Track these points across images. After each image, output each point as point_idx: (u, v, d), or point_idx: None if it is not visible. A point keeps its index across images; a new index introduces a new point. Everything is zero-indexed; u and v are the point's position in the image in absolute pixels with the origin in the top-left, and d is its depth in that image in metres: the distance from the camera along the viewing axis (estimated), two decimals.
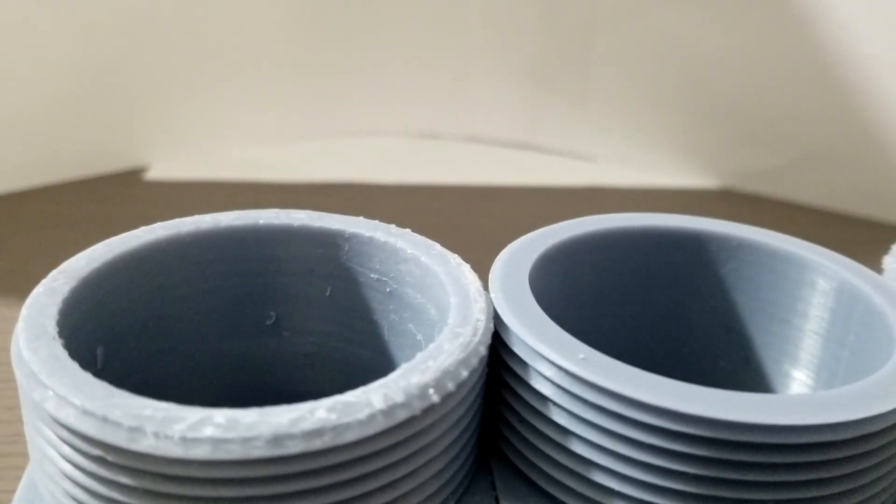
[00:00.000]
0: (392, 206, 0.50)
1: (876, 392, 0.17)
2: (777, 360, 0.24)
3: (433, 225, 0.48)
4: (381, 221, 0.24)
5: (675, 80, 0.56)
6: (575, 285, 0.24)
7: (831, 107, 0.51)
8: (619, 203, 0.55)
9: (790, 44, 0.51)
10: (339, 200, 0.50)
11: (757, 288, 0.24)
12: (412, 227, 0.50)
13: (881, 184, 0.51)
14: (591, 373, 0.17)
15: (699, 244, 0.25)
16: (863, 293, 0.21)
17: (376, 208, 0.50)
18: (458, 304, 0.19)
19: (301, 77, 0.58)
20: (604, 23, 0.56)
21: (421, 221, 0.49)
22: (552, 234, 0.23)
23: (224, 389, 0.24)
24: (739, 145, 0.55)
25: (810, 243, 0.24)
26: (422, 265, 0.21)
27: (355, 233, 0.23)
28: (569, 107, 0.60)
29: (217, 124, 0.57)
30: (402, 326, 0.22)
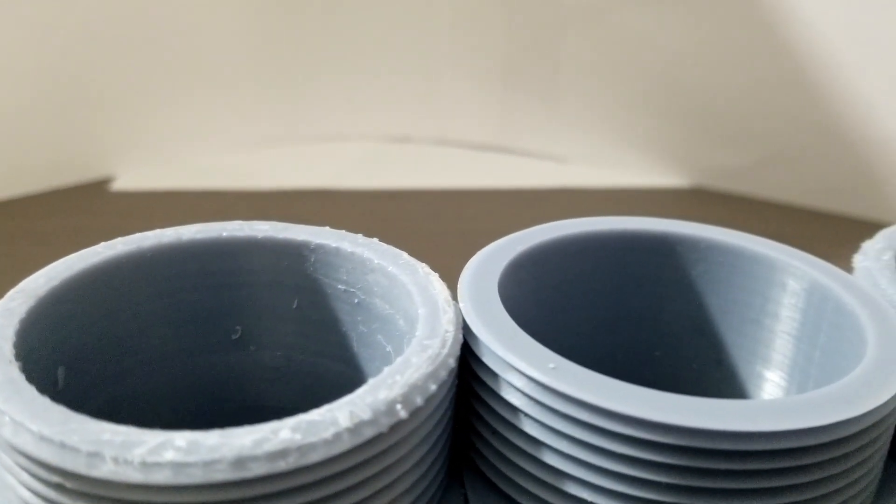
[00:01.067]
0: (364, 212, 0.50)
1: (847, 395, 0.17)
2: (749, 362, 0.24)
3: (405, 230, 0.48)
4: (354, 227, 0.24)
5: (645, 80, 0.56)
6: (545, 291, 0.24)
7: (799, 105, 0.51)
8: (591, 204, 0.55)
9: (759, 43, 0.51)
10: (310, 207, 0.50)
11: (727, 289, 0.24)
12: (384, 233, 0.49)
13: (849, 180, 0.51)
14: (562, 382, 0.17)
15: (669, 247, 0.24)
16: (833, 293, 0.21)
17: (348, 214, 0.49)
18: (426, 315, 0.19)
19: (269, 82, 0.57)
20: (573, 24, 0.56)
21: (393, 226, 0.49)
22: (521, 241, 0.23)
23: (191, 406, 0.24)
24: (709, 144, 0.55)
25: (780, 244, 0.24)
26: (389, 275, 0.21)
27: (321, 244, 0.22)
28: (539, 108, 0.60)
29: (184, 132, 0.56)
30: (371, 338, 0.22)
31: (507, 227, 0.50)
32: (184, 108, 0.55)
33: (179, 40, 0.53)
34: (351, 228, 0.48)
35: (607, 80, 0.57)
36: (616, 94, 0.57)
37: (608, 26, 0.55)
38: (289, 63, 0.58)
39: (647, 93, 0.56)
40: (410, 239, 0.46)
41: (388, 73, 0.60)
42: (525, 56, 0.59)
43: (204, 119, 0.56)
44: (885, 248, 0.24)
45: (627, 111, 0.57)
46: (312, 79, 0.59)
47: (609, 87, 0.57)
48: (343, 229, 0.47)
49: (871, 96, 0.49)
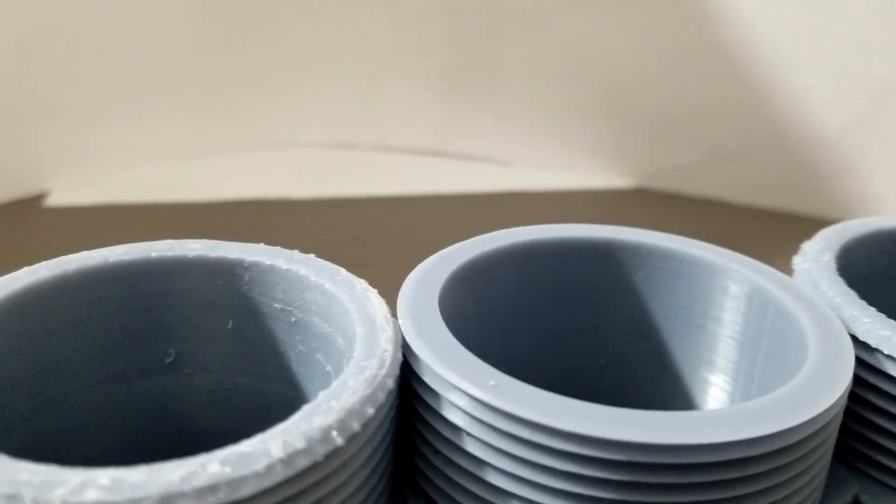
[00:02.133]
0: (307, 222, 0.49)
1: (790, 403, 0.17)
2: (694, 366, 0.24)
3: (350, 238, 0.48)
4: (297, 237, 0.23)
5: (586, 82, 0.56)
6: (488, 303, 0.24)
7: (740, 104, 0.52)
8: (535, 207, 0.55)
9: (697, 43, 0.51)
10: (252, 218, 0.49)
11: (670, 294, 0.24)
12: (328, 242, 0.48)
13: (790, 177, 0.52)
14: (503, 400, 0.16)
15: (611, 253, 0.24)
16: (774, 297, 0.21)
17: (290, 224, 0.49)
18: (364, 333, 0.18)
19: (205, 90, 0.56)
20: (512, 26, 0.56)
21: (337, 236, 0.48)
22: (461, 253, 0.22)
23: (126, 435, 0.23)
24: (651, 145, 0.56)
25: (721, 248, 0.24)
26: (326, 293, 0.20)
27: (255, 261, 0.21)
28: (481, 111, 0.59)
29: (119, 143, 0.55)
30: (311, 357, 0.22)
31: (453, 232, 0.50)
32: (119, 120, 0.54)
33: (112, 51, 0.52)
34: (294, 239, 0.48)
35: (549, 83, 0.57)
36: (558, 97, 0.57)
37: (548, 29, 0.55)
38: (226, 71, 0.56)
39: (589, 95, 0.56)
40: (356, 247, 0.46)
41: (329, 80, 0.59)
42: (466, 60, 0.58)
43: (140, 131, 0.55)
44: (823, 248, 0.24)
45: (569, 113, 0.57)
46: (251, 87, 0.58)
47: (551, 90, 0.57)
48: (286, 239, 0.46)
49: (810, 94, 0.50)
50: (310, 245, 0.45)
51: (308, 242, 0.45)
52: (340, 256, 0.45)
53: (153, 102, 0.55)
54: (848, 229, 0.25)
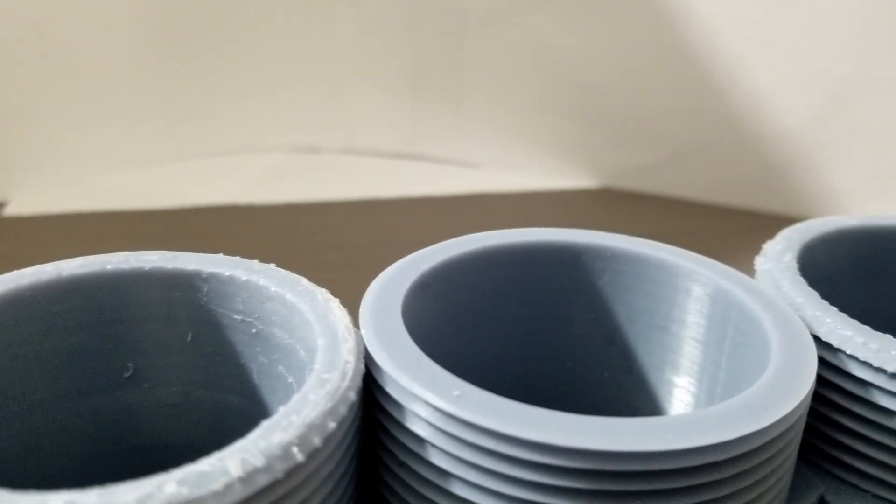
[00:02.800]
0: (272, 227, 0.49)
1: (755, 406, 0.17)
2: (659, 369, 0.24)
3: (316, 244, 0.47)
4: (262, 244, 0.23)
5: (551, 83, 0.56)
6: (453, 309, 0.23)
7: (701, 103, 0.52)
8: (503, 208, 0.55)
9: (659, 43, 0.52)
10: (215, 225, 0.48)
11: (634, 297, 0.24)
12: (295, 247, 0.48)
13: (752, 174, 0.52)
14: (467, 410, 0.16)
15: (575, 257, 0.24)
16: (737, 298, 0.21)
17: (255, 230, 0.48)
18: (325, 345, 0.18)
19: (167, 96, 0.55)
20: (476, 29, 0.56)
21: (303, 241, 0.47)
22: (424, 259, 0.22)
23: (86, 451, 0.22)
24: (616, 144, 0.56)
25: (684, 250, 0.24)
26: (287, 303, 0.20)
27: (214, 272, 0.21)
28: (448, 114, 0.59)
29: (79, 150, 0.54)
30: (272, 369, 0.21)
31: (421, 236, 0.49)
32: (79, 127, 0.53)
33: (71, 57, 0.51)
34: (259, 245, 0.47)
35: (514, 84, 0.57)
36: (523, 98, 0.57)
37: (512, 31, 0.55)
38: (188, 76, 0.56)
39: (554, 96, 0.56)
40: (322, 253, 0.46)
41: (294, 83, 0.59)
42: (431, 62, 0.58)
43: (100, 138, 0.54)
44: (784, 249, 0.24)
45: (535, 114, 0.57)
46: (215, 91, 0.57)
47: (516, 91, 0.57)
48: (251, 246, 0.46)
49: (770, 92, 0.50)
50: (275, 251, 0.45)
51: (273, 248, 0.45)
52: (307, 262, 0.45)
53: (113, 109, 0.54)
54: (809, 229, 0.25)
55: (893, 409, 0.19)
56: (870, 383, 0.19)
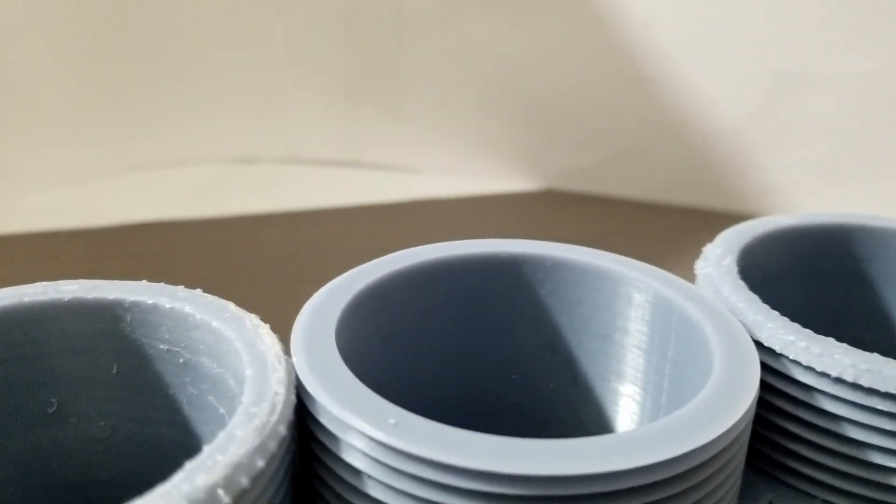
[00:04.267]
0: (208, 242, 0.47)
1: (699, 419, 0.16)
2: (603, 378, 0.24)
3: (254, 258, 0.46)
4: (199, 259, 0.22)
5: (490, 86, 0.56)
6: (392, 327, 0.23)
7: (640, 102, 0.52)
8: (446, 213, 0.54)
9: (596, 43, 0.52)
10: (149, 242, 0.47)
11: (576, 306, 0.24)
12: (231, 263, 0.47)
13: (692, 172, 0.53)
14: (403, 440, 0.15)
15: (515, 268, 0.24)
16: (677, 305, 0.21)
17: (190, 246, 0.47)
18: (253, 376, 0.17)
19: (96, 111, 0.54)
20: (412, 32, 0.56)
21: (240, 256, 0.46)
22: (360, 277, 0.21)
23: (13, 491, 0.21)
24: (557, 146, 0.56)
25: (624, 257, 0.23)
26: (214, 332, 0.19)
27: (137, 301, 0.20)
28: (388, 119, 0.58)
29: (7, 170, 0.52)
30: (203, 400, 0.20)
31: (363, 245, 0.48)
32: (6, 146, 0.51)
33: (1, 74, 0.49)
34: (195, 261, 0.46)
35: (453, 88, 0.57)
36: (462, 102, 0.57)
37: (448, 34, 0.55)
38: (120, 89, 0.54)
39: (494, 99, 0.56)
40: (260, 267, 0.44)
41: (227, 93, 0.57)
42: (367, 67, 0.57)
43: (29, 156, 0.52)
44: (724, 252, 0.24)
45: (475, 118, 0.57)
46: (147, 104, 0.55)
47: (455, 95, 0.57)
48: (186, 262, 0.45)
49: (707, 89, 0.51)
50: (211, 267, 0.44)
51: (209, 265, 0.44)
52: (244, 278, 0.44)
53: (42, 126, 0.52)
54: (748, 230, 0.25)
55: (838, 413, 0.19)
56: (813, 388, 0.19)
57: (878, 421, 0.18)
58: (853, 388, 0.19)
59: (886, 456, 0.19)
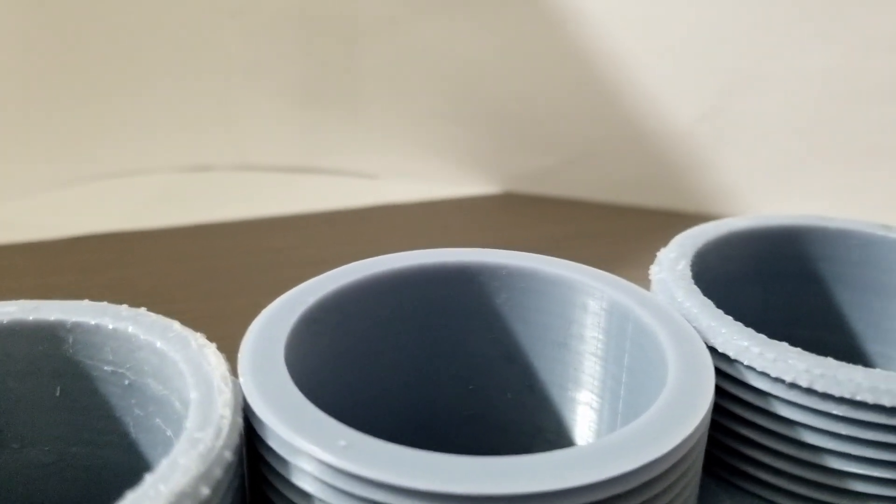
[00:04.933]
0: (161, 253, 0.46)
1: (651, 432, 0.16)
2: (561, 386, 0.24)
3: (208, 269, 0.45)
4: (154, 271, 0.21)
5: (447, 89, 0.55)
6: (346, 341, 0.22)
7: (595, 103, 0.52)
8: (406, 219, 0.54)
9: (551, 45, 0.52)
10: (101, 254, 0.46)
11: (532, 314, 0.23)
12: (184, 274, 0.46)
13: (648, 172, 0.53)
14: (354, 462, 0.15)
15: (470, 277, 0.23)
16: (632, 312, 0.21)
17: (142, 258, 0.46)
18: (198, 399, 0.17)
19: (43, 120, 0.52)
20: (368, 36, 0.55)
21: (194, 266, 0.45)
22: (310, 291, 0.21)
23: None
24: (515, 149, 0.56)
25: (579, 264, 0.23)
26: (158, 352, 0.18)
27: (79, 322, 0.19)
28: (343, 124, 0.58)
29: None
30: (149, 422, 0.20)
31: (320, 253, 0.48)
32: None
33: None
34: (147, 273, 0.45)
35: (410, 92, 0.56)
36: (420, 106, 0.56)
37: (405, 38, 0.54)
38: (71, 97, 0.53)
39: (452, 102, 0.56)
40: (215, 279, 0.44)
41: (179, 100, 0.56)
42: (323, 72, 0.57)
43: None
44: (678, 256, 0.24)
45: (433, 122, 0.57)
46: (96, 112, 0.54)
47: (412, 99, 0.56)
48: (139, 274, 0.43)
49: (660, 90, 0.51)
50: (164, 279, 0.43)
51: (162, 276, 0.43)
52: (197, 290, 0.43)
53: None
54: (701, 234, 0.25)
55: (793, 419, 0.19)
56: (768, 393, 0.19)
57: (834, 426, 0.18)
58: (808, 393, 0.19)
59: (842, 460, 0.19)
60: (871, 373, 0.18)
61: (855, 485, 0.19)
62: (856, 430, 0.18)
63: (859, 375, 0.18)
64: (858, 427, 0.18)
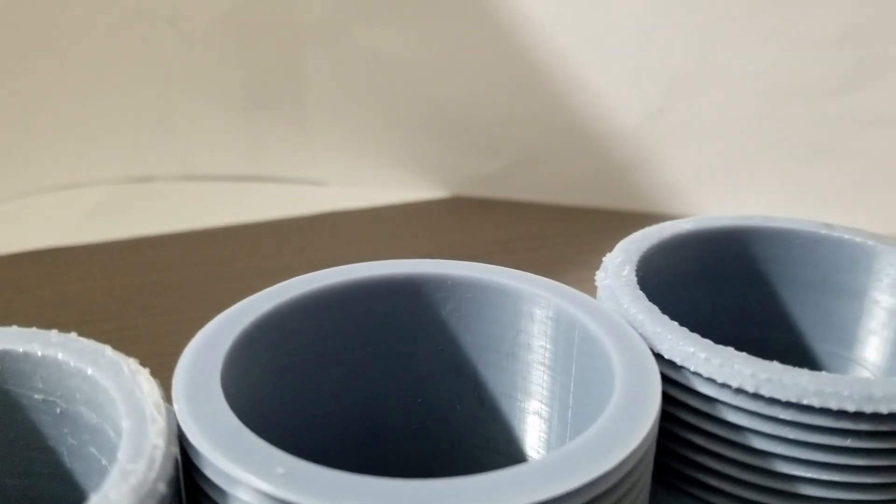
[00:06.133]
0: (100, 269, 0.45)
1: (598, 446, 0.16)
2: (510, 396, 0.23)
3: (150, 283, 0.44)
4: (94, 288, 0.20)
5: (393, 94, 0.55)
6: (287, 359, 0.22)
7: (542, 106, 0.52)
8: (354, 226, 0.53)
9: (497, 50, 0.51)
10: (37, 271, 0.44)
11: (479, 325, 0.23)
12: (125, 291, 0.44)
13: (595, 173, 0.53)
14: (291, 490, 0.14)
15: (415, 289, 0.23)
16: (579, 321, 0.21)
17: (81, 273, 0.44)
18: (130, 428, 0.16)
19: None
20: (311, 41, 0.54)
21: (135, 282, 0.44)
22: (248, 310, 0.20)
23: None
24: (463, 152, 0.55)
25: (525, 273, 0.23)
26: (90, 380, 0.18)
27: (6, 349, 0.19)
28: (289, 131, 0.57)
29: None
30: (83, 451, 0.19)
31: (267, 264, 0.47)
32: None
33: None
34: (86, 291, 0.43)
35: (355, 97, 0.56)
36: (366, 111, 0.56)
37: (348, 42, 0.54)
38: (4, 110, 0.51)
39: (397, 107, 0.55)
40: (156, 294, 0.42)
41: (119, 110, 0.55)
42: (266, 78, 0.56)
43: None
44: (623, 261, 0.23)
45: (379, 127, 0.56)
46: (34, 125, 0.53)
47: (358, 105, 0.56)
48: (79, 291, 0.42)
49: (606, 91, 0.51)
50: (104, 297, 0.42)
51: (101, 293, 0.42)
52: (138, 307, 0.42)
53: None
54: (645, 238, 0.25)
55: (741, 424, 0.19)
56: (715, 399, 0.19)
57: (781, 430, 0.18)
58: (754, 399, 0.18)
59: (791, 464, 0.19)
60: (817, 376, 0.18)
61: (804, 488, 0.19)
62: (803, 433, 0.18)
63: (805, 379, 0.18)
64: (806, 431, 0.18)
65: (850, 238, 0.26)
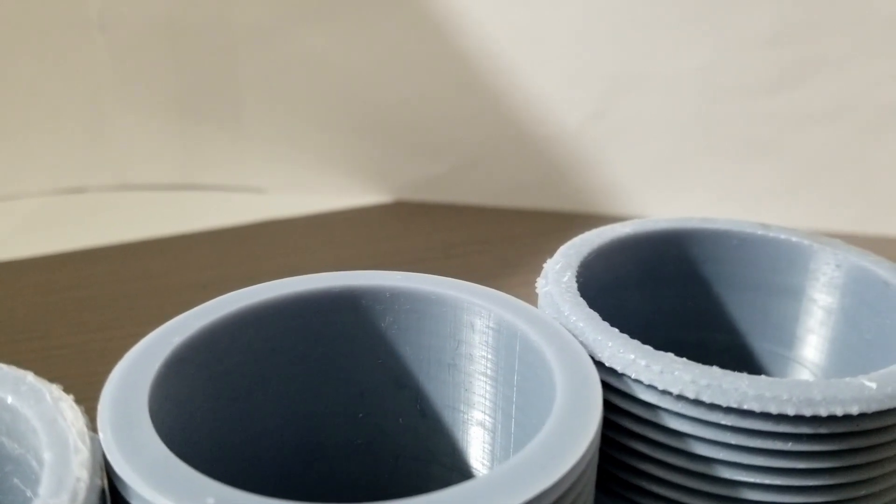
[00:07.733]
0: (30, 285, 0.44)
1: (538, 461, 0.15)
2: (453, 408, 0.23)
3: (81, 299, 0.43)
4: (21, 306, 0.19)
5: (331, 98, 0.54)
6: (221, 379, 0.21)
7: (482, 109, 0.52)
8: (295, 233, 0.53)
9: (436, 53, 0.51)
10: None
11: (419, 336, 0.23)
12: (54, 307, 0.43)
13: (538, 175, 0.53)
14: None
15: (352, 301, 0.22)
16: (519, 330, 0.20)
17: (13, 292, 0.43)
18: (52, 460, 0.15)
19: None
20: (245, 46, 0.53)
21: (66, 297, 0.43)
22: (177, 330, 0.20)
23: None
24: (404, 157, 0.55)
25: (465, 282, 0.22)
26: (10, 408, 0.17)
27: None
28: (225, 138, 0.56)
29: None
30: (7, 482, 0.18)
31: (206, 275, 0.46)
32: None
33: None
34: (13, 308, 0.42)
35: (293, 103, 0.55)
36: (305, 116, 0.55)
37: (284, 47, 0.53)
38: None
39: (337, 112, 0.54)
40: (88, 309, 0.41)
41: (48, 120, 0.53)
42: (200, 84, 0.55)
43: None
44: (564, 267, 0.23)
45: (319, 133, 0.55)
46: None
47: (296, 110, 0.55)
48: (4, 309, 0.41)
49: (546, 93, 0.51)
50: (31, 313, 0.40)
51: (29, 310, 0.40)
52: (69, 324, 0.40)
53: None
54: (585, 243, 0.25)
55: (683, 430, 0.19)
56: (657, 406, 0.19)
57: (722, 436, 0.18)
58: (695, 405, 0.18)
59: (733, 470, 0.19)
60: (756, 380, 0.18)
61: (748, 494, 0.19)
62: (744, 438, 0.18)
63: (744, 384, 0.18)
64: (747, 436, 0.18)
65: (786, 238, 0.26)
